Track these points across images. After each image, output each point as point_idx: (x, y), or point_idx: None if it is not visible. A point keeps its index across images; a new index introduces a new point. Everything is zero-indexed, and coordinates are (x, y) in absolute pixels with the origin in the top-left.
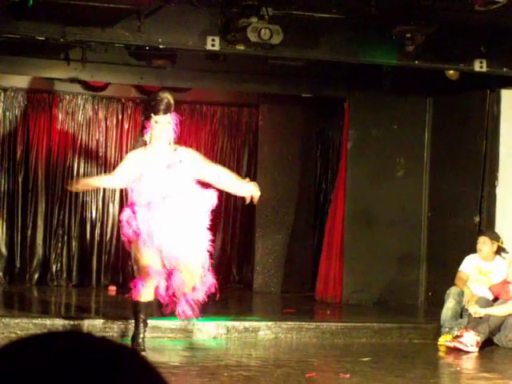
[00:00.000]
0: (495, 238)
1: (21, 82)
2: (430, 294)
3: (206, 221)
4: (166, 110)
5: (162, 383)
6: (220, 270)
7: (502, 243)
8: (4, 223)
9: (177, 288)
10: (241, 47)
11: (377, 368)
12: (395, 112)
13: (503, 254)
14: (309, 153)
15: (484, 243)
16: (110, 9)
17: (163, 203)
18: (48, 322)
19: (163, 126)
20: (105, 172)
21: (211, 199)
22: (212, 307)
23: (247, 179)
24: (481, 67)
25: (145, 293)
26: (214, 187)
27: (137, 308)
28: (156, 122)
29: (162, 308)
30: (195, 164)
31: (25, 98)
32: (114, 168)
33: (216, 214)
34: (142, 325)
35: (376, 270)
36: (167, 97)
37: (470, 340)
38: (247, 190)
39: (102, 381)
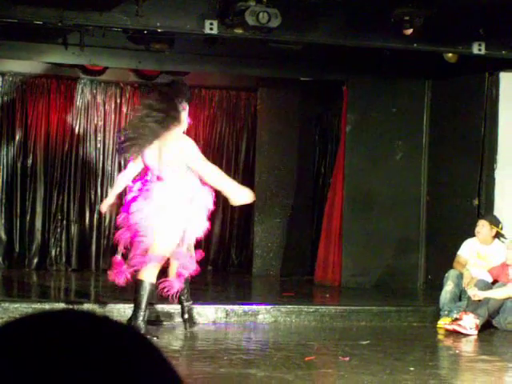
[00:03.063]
0: (495, 222)
1: (19, 66)
2: (429, 277)
3: (206, 208)
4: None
5: (165, 363)
6: (219, 253)
7: (501, 229)
8: (3, 208)
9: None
10: (239, 31)
11: (376, 351)
12: (394, 95)
13: (502, 238)
14: (307, 136)
15: (483, 226)
16: None
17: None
18: (47, 306)
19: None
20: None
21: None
22: (211, 291)
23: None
24: (479, 50)
25: (150, 274)
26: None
27: (140, 287)
28: (184, 109)
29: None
30: (190, 155)
31: (23, 83)
32: (114, 154)
33: (215, 197)
34: (143, 306)
35: (375, 253)
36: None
37: (470, 323)
38: (242, 195)
39: (104, 360)
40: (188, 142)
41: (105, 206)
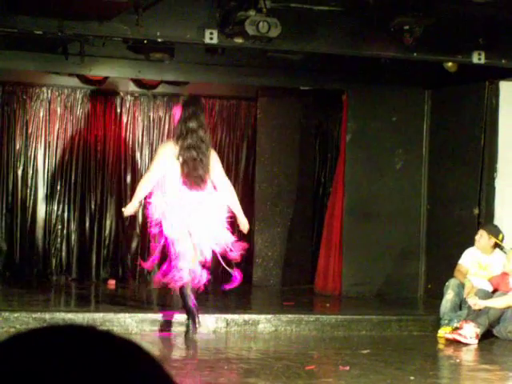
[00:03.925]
0: (494, 233)
1: (19, 76)
2: (429, 286)
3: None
4: None
5: (166, 377)
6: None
7: (501, 240)
8: (4, 218)
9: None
10: (239, 40)
11: (376, 360)
12: (394, 104)
13: (504, 249)
14: (307, 146)
15: (481, 236)
16: (108, 2)
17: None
18: (47, 316)
19: None
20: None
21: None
22: (211, 301)
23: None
24: (479, 59)
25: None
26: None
27: (184, 293)
28: None
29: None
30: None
31: (23, 92)
32: (112, 163)
33: None
34: (193, 308)
35: (375, 262)
36: None
37: (470, 332)
38: (241, 221)
39: (105, 375)
40: (215, 154)
41: (129, 210)
